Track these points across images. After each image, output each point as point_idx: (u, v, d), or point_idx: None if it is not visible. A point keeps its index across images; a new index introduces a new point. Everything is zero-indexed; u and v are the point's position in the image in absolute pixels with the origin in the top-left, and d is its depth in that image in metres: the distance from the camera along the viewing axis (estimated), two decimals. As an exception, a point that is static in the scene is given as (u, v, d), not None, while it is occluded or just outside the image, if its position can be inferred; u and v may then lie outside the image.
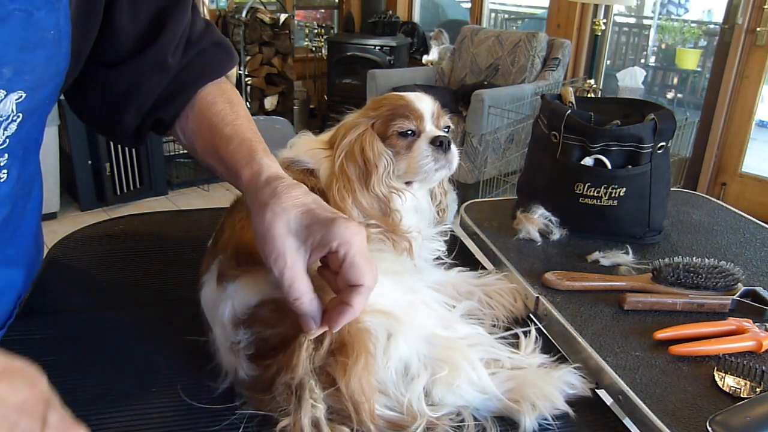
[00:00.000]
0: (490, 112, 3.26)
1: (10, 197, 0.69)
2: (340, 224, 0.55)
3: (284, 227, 0.55)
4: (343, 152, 0.80)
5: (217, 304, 0.68)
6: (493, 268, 0.96)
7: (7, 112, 0.61)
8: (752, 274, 0.92)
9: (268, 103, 4.50)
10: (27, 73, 0.61)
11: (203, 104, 0.74)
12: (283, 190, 0.58)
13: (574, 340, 0.76)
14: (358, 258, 0.54)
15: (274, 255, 0.55)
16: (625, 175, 0.97)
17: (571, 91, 1.06)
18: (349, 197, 0.78)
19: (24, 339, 0.77)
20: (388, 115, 0.83)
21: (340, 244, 0.54)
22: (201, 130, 0.72)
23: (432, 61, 4.68)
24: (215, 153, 0.69)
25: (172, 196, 3.75)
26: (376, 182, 0.80)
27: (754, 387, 0.67)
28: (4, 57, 0.57)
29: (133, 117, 0.74)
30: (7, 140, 0.64)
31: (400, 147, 0.83)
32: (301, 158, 0.82)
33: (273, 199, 0.57)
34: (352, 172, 0.80)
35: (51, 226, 3.11)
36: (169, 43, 0.70)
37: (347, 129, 0.83)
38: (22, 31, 0.58)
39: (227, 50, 0.79)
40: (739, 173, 3.40)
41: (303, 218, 0.56)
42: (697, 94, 5.26)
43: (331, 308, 0.56)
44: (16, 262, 0.78)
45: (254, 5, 4.26)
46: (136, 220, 1.12)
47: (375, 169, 0.80)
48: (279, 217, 0.56)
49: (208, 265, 0.73)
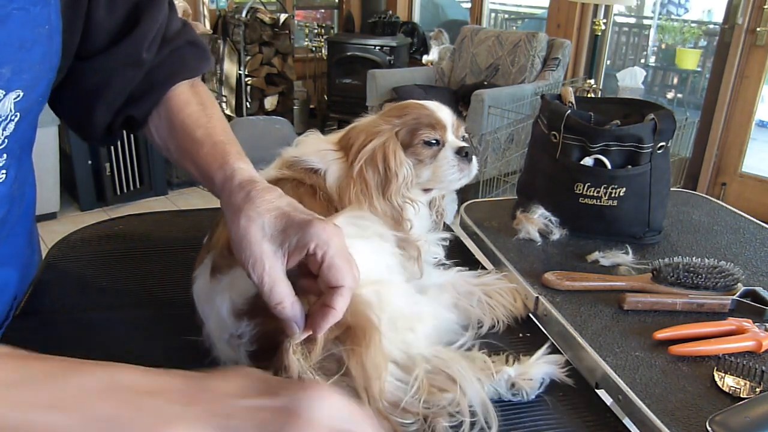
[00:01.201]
0: (490, 112, 3.26)
1: (8, 197, 0.69)
2: (317, 225, 0.54)
3: (259, 232, 0.55)
4: (365, 157, 0.81)
5: (212, 296, 0.68)
6: (493, 268, 0.96)
7: (5, 112, 0.61)
8: (752, 274, 0.92)
9: (268, 103, 4.50)
10: (25, 71, 0.60)
11: (176, 105, 0.72)
12: (257, 195, 0.57)
13: (574, 340, 0.76)
14: (336, 259, 0.54)
15: (251, 261, 0.54)
16: (625, 175, 0.97)
17: (571, 91, 1.06)
18: (365, 202, 0.79)
19: (24, 339, 0.76)
20: (414, 125, 0.85)
21: (317, 245, 0.53)
22: (174, 132, 0.71)
23: (432, 61, 4.68)
24: (188, 156, 0.68)
25: (172, 196, 3.75)
26: (395, 191, 0.82)
27: (754, 387, 0.67)
28: (3, 57, 0.57)
29: (104, 113, 0.73)
30: (6, 140, 0.64)
31: (425, 156, 0.86)
32: (308, 158, 0.82)
33: (247, 204, 0.57)
34: (371, 177, 0.81)
35: (51, 226, 3.12)
36: (143, 37, 0.69)
37: (367, 134, 0.83)
38: (21, 29, 0.58)
39: (203, 51, 0.78)
40: (739, 173, 3.40)
41: (278, 222, 0.55)
42: (697, 94, 5.27)
43: (314, 312, 0.55)
44: (9, 262, 0.78)
45: (254, 5, 4.26)
46: (136, 220, 1.12)
47: (395, 178, 0.82)
48: (253, 222, 0.55)
49: (201, 260, 0.74)
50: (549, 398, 0.69)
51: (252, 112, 4.41)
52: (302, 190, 0.79)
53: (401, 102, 0.91)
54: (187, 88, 0.74)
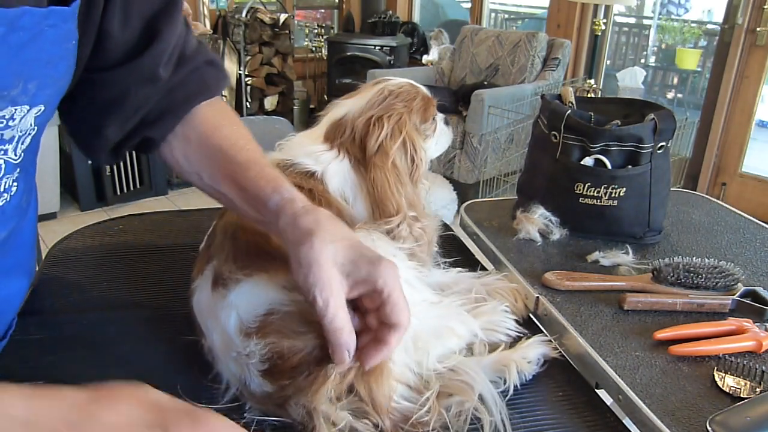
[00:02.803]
0: (490, 112, 3.26)
1: (18, 209, 0.69)
2: (385, 264, 0.56)
3: (331, 258, 0.56)
4: (395, 147, 0.81)
5: (216, 311, 0.66)
6: (493, 268, 0.96)
7: (26, 127, 0.60)
8: (752, 274, 0.92)
9: (268, 103, 4.50)
10: (49, 86, 0.59)
11: (206, 128, 0.71)
12: (327, 221, 0.58)
13: (574, 340, 0.76)
14: (400, 299, 0.56)
15: (320, 284, 0.55)
16: (625, 175, 0.97)
17: (571, 91, 1.06)
18: (402, 191, 0.80)
19: (24, 339, 0.77)
20: (422, 105, 0.88)
21: (385, 283, 0.55)
22: (209, 157, 0.70)
23: (432, 61, 4.68)
24: (231, 180, 0.67)
25: (172, 196, 3.75)
26: (421, 176, 0.85)
27: (754, 387, 0.67)
28: (31, 73, 0.56)
29: (115, 130, 0.70)
30: (22, 155, 0.63)
31: (431, 131, 0.90)
32: (300, 160, 0.80)
33: (318, 228, 0.57)
34: (402, 166, 0.82)
35: (51, 226, 3.12)
36: (161, 52, 0.68)
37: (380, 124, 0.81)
38: (51, 46, 0.57)
39: (221, 70, 0.77)
40: (739, 173, 3.40)
41: (349, 252, 0.57)
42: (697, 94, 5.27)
43: (365, 345, 0.57)
44: (17, 271, 0.78)
45: (254, 5, 4.26)
46: (136, 220, 1.12)
47: (421, 163, 0.84)
48: (327, 247, 0.56)
49: (201, 270, 0.71)
50: (549, 398, 0.69)
51: (252, 112, 4.41)
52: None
53: (379, 84, 0.89)
54: (211, 109, 0.73)
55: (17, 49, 0.54)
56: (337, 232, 0.58)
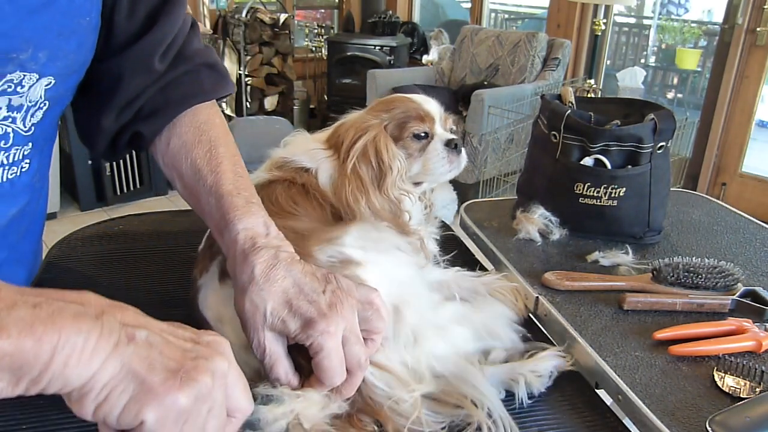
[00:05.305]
0: (490, 112, 3.26)
1: (29, 188, 0.69)
2: (317, 328, 0.56)
3: (261, 319, 0.57)
4: (357, 154, 0.80)
5: (227, 301, 0.65)
6: (493, 268, 0.96)
7: (36, 98, 0.62)
8: (752, 274, 0.92)
9: (268, 103, 4.50)
10: (60, 59, 0.61)
11: (187, 140, 0.71)
12: (261, 274, 0.58)
13: (574, 340, 0.76)
14: (325, 361, 0.56)
15: (254, 342, 0.58)
16: (625, 175, 0.97)
17: (570, 91, 1.06)
18: (362, 199, 0.79)
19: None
20: (402, 118, 0.85)
21: (312, 346, 0.56)
22: (183, 175, 0.70)
23: (432, 61, 4.68)
24: (196, 201, 0.69)
25: (172, 196, 3.75)
26: (390, 185, 0.81)
27: (754, 387, 0.67)
28: (41, 41, 0.57)
29: (111, 121, 0.71)
30: (33, 128, 0.64)
31: (414, 149, 0.86)
32: (298, 157, 0.82)
33: (251, 286, 0.58)
34: (365, 173, 0.80)
35: (51, 226, 3.09)
36: (157, 42, 0.69)
37: (356, 130, 0.83)
38: (62, 17, 0.58)
39: (222, 75, 0.77)
40: (739, 173, 3.40)
41: (280, 310, 0.57)
42: (697, 94, 5.27)
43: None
44: (23, 260, 0.78)
45: (254, 5, 4.26)
46: (136, 220, 1.12)
47: (390, 172, 0.81)
48: (258, 308, 0.57)
49: (205, 268, 0.71)
50: (549, 398, 0.69)
51: (252, 112, 4.41)
52: (294, 189, 0.79)
53: (388, 96, 0.91)
54: (197, 122, 0.72)
55: (27, 13, 0.55)
56: (271, 286, 0.58)
